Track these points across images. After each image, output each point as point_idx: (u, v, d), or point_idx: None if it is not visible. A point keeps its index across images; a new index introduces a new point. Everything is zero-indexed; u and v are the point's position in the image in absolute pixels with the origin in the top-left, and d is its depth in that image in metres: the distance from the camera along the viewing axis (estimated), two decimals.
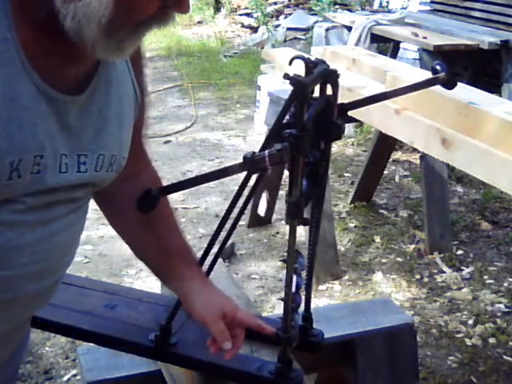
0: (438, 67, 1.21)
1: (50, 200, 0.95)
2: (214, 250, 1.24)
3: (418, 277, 3.27)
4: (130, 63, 1.06)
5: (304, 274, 1.22)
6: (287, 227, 1.06)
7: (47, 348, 2.67)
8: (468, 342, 2.78)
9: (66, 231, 1.00)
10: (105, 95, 0.99)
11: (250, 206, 3.58)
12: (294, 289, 1.11)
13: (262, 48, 7.50)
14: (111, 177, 1.05)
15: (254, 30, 9.15)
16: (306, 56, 1.10)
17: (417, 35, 5.35)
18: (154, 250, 1.21)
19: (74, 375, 2.52)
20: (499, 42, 5.16)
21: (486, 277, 3.29)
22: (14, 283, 0.96)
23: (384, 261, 3.42)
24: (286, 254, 1.08)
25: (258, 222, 3.74)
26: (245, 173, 1.11)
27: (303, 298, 1.24)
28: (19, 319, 1.05)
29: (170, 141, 5.18)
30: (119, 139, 1.04)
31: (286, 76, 0.99)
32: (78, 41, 0.86)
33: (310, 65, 1.06)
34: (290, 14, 8.64)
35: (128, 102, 1.06)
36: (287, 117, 1.06)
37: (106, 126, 1.00)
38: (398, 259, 3.43)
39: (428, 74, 1.25)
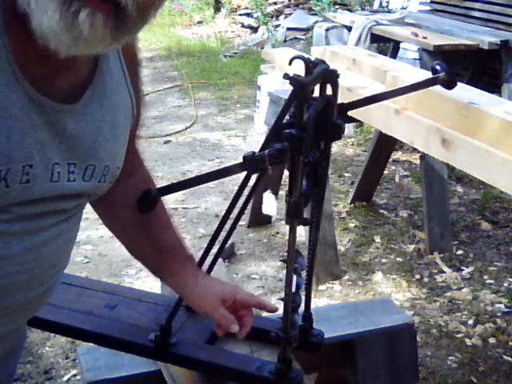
0: (437, 67, 1.21)
1: (39, 210, 0.94)
2: (214, 250, 1.24)
3: (417, 277, 3.27)
4: (126, 72, 1.05)
5: (304, 274, 1.22)
6: (287, 227, 1.06)
7: (47, 348, 2.67)
8: (468, 342, 2.78)
9: (55, 241, 0.99)
10: (99, 106, 0.98)
11: (250, 206, 3.58)
12: (294, 289, 1.11)
13: (262, 48, 7.50)
14: (104, 187, 1.04)
15: (254, 30, 9.15)
16: (306, 56, 1.10)
17: (417, 35, 5.35)
18: (147, 249, 1.22)
19: (74, 375, 2.52)
20: (499, 42, 5.16)
21: (486, 277, 3.29)
22: (2, 292, 0.95)
23: (384, 261, 3.42)
24: (286, 254, 1.08)
25: (257, 222, 3.73)
26: (245, 173, 1.11)
27: (303, 297, 1.24)
28: (11, 327, 1.05)
29: (170, 141, 5.18)
30: (113, 150, 1.03)
31: (286, 76, 0.99)
32: (40, 35, 0.82)
33: (310, 65, 1.06)
34: (290, 14, 8.64)
35: (123, 113, 1.05)
36: (287, 117, 1.06)
37: (100, 137, 0.99)
38: (398, 259, 3.43)
39: (428, 74, 1.25)
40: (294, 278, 1.11)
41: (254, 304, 1.21)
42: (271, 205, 3.64)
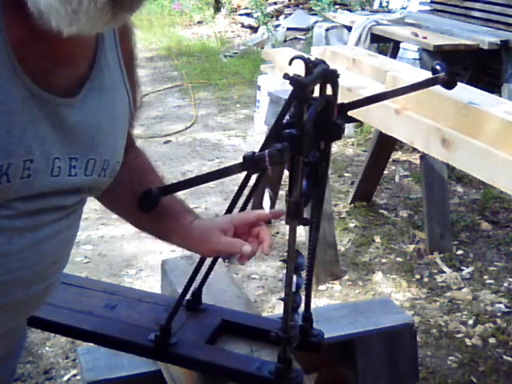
0: (437, 67, 1.21)
1: (41, 206, 0.94)
2: None
3: (417, 277, 3.27)
4: (124, 68, 1.05)
5: (304, 274, 1.22)
6: (287, 227, 1.06)
7: (47, 348, 2.67)
8: (468, 342, 2.78)
9: (56, 237, 0.99)
10: (98, 101, 0.98)
11: (250, 206, 3.57)
12: (294, 289, 1.11)
13: (262, 48, 7.50)
14: (105, 182, 1.05)
15: (254, 30, 9.15)
16: (306, 56, 1.10)
17: (417, 35, 5.35)
18: (146, 219, 1.22)
19: (74, 375, 2.52)
20: (499, 42, 5.16)
21: (486, 277, 3.29)
22: (2, 289, 0.95)
23: (384, 261, 3.42)
24: (286, 253, 1.08)
25: None
26: (245, 173, 1.11)
27: (303, 297, 1.24)
28: (11, 324, 1.05)
29: (170, 141, 5.18)
30: (112, 145, 1.03)
31: (286, 76, 0.99)
32: (39, 15, 0.82)
33: (310, 65, 1.06)
34: (290, 14, 8.64)
35: (122, 108, 1.05)
36: (287, 117, 1.06)
37: (99, 132, 0.99)
38: (398, 259, 3.43)
39: (428, 74, 1.25)
40: (294, 278, 1.11)
41: (254, 217, 1.17)
42: (265, 203, 3.65)
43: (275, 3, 9.26)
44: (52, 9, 0.80)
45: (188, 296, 1.32)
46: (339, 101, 1.15)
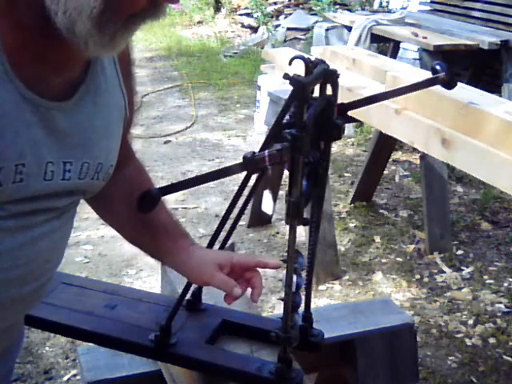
0: (438, 67, 1.20)
1: (33, 207, 0.94)
2: None
3: (417, 277, 3.27)
4: (120, 72, 1.05)
5: (304, 274, 1.22)
6: (287, 227, 1.06)
7: (47, 348, 2.67)
8: (468, 342, 2.78)
9: (48, 236, 1.00)
10: (93, 104, 0.98)
11: (250, 206, 3.58)
12: (294, 289, 1.11)
13: (262, 48, 7.50)
14: (98, 185, 1.05)
15: (254, 30, 9.15)
16: (306, 56, 1.10)
17: (417, 35, 5.35)
18: (141, 234, 1.22)
19: (74, 375, 2.52)
20: (499, 42, 5.16)
21: (486, 277, 3.29)
22: None
23: (384, 261, 3.42)
24: (286, 253, 1.08)
25: (257, 222, 3.73)
26: (245, 173, 1.11)
27: (303, 297, 1.24)
28: (6, 322, 1.05)
29: (170, 141, 5.18)
30: (106, 148, 1.03)
31: (286, 76, 0.99)
32: (71, 37, 0.85)
33: (310, 65, 1.06)
34: (290, 14, 8.64)
35: (116, 111, 1.05)
36: (287, 117, 1.06)
37: (93, 135, 0.99)
38: (398, 259, 3.43)
39: (428, 74, 1.25)
40: (294, 277, 1.11)
41: (254, 263, 1.19)
42: (268, 204, 3.65)
43: (275, 3, 9.26)
44: (89, 41, 0.85)
45: (188, 296, 1.32)
46: (339, 101, 1.15)
